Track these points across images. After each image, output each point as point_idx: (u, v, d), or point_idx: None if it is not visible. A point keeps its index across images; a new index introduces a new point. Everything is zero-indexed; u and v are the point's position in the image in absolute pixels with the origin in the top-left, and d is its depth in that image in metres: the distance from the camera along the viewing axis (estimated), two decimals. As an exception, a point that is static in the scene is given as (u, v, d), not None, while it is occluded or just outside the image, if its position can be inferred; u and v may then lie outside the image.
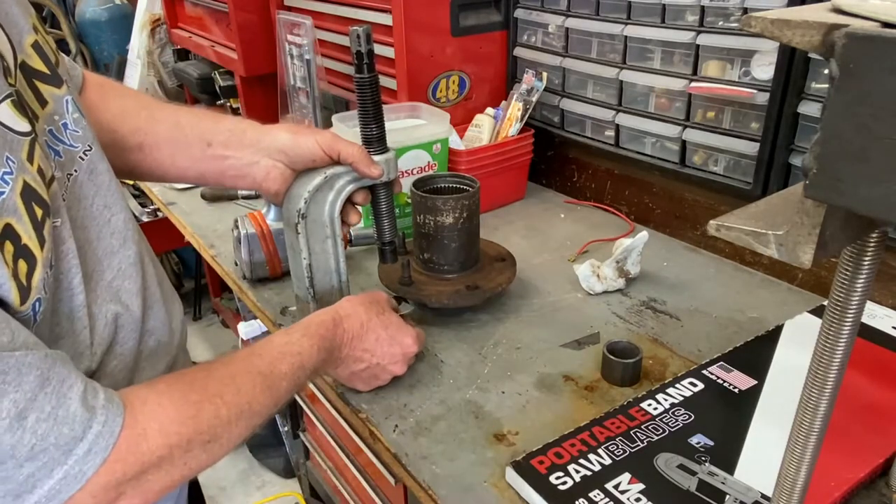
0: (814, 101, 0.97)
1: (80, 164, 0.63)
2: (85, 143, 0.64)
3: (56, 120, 0.61)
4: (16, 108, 0.53)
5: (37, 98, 0.59)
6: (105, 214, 0.64)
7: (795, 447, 0.42)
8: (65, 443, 0.49)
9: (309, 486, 1.78)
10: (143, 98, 0.87)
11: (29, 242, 0.51)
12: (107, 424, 0.51)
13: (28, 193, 0.52)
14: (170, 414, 0.56)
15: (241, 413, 0.62)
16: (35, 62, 0.60)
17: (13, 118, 0.52)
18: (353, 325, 0.81)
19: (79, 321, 0.59)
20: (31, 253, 0.51)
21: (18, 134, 0.52)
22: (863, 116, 0.28)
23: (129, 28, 2.47)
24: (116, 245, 0.65)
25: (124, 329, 0.65)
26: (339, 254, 0.90)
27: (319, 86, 1.51)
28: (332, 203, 0.86)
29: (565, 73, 1.36)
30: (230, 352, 0.69)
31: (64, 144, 0.62)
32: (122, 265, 0.65)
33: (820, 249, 0.32)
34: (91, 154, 0.64)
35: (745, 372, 0.83)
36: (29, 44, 0.60)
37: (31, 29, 0.61)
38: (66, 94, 0.63)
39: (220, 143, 0.82)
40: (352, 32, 0.81)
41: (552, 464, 0.71)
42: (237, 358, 0.67)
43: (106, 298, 0.63)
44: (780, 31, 0.31)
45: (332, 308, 0.82)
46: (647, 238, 1.07)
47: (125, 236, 0.66)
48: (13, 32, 0.57)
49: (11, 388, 0.46)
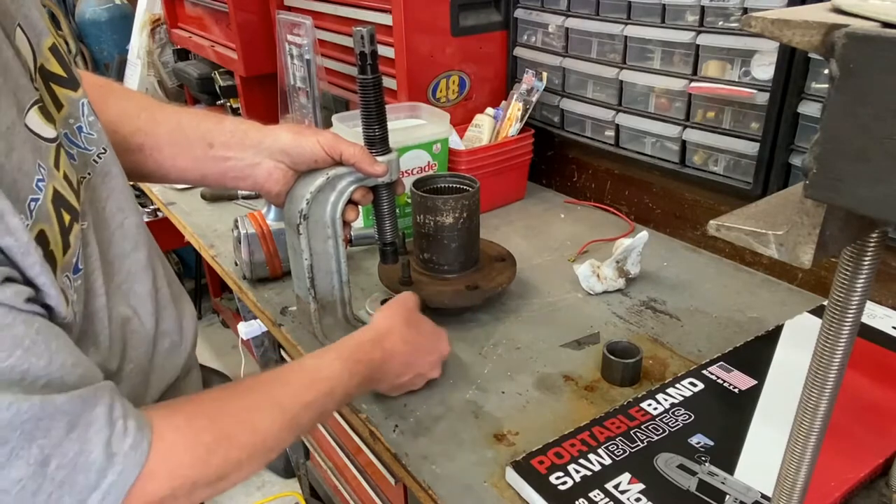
0: (814, 101, 0.97)
1: (93, 167, 0.63)
2: (99, 146, 0.64)
3: (71, 123, 0.61)
4: (42, 114, 0.53)
5: (53, 102, 0.59)
6: (118, 217, 0.64)
7: (795, 447, 0.42)
8: (79, 491, 0.49)
9: (309, 486, 1.78)
10: (144, 99, 0.87)
11: (55, 249, 0.51)
12: (123, 474, 0.50)
13: (58, 200, 0.52)
14: (181, 458, 0.55)
15: (255, 453, 0.60)
16: (53, 65, 0.59)
17: (40, 124, 0.52)
18: (395, 343, 0.79)
19: (100, 322, 0.59)
20: (53, 258, 0.51)
21: (46, 140, 0.53)
22: (863, 116, 0.28)
23: (129, 28, 2.47)
24: (129, 248, 0.65)
25: (136, 334, 0.64)
26: (340, 254, 0.90)
27: (319, 86, 1.51)
28: (333, 204, 0.86)
29: (565, 73, 1.36)
30: (254, 375, 0.67)
31: (78, 148, 0.61)
32: (132, 268, 0.65)
33: (820, 249, 0.32)
34: (105, 157, 0.64)
35: (745, 372, 0.83)
36: (47, 46, 0.59)
37: (48, 31, 0.60)
38: (83, 97, 0.63)
39: (221, 144, 0.82)
40: (355, 33, 0.81)
41: (552, 464, 0.71)
42: (260, 383, 0.65)
43: (117, 302, 0.62)
44: (780, 31, 0.31)
45: (371, 327, 0.81)
46: (647, 238, 1.07)
47: (137, 240, 0.66)
48: (32, 35, 0.57)
49: (41, 433, 0.46)
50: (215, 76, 1.98)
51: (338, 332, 0.94)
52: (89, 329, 0.58)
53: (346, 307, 0.94)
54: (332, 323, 0.94)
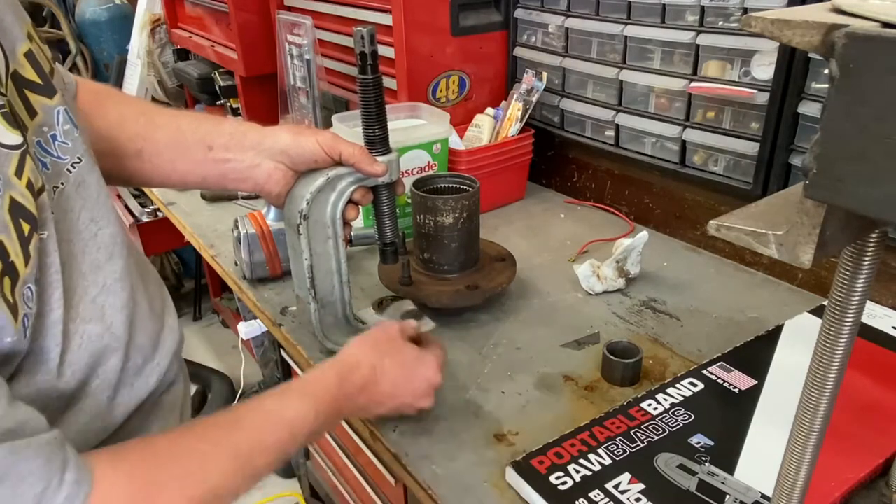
0: (814, 101, 0.97)
1: (66, 176, 0.61)
2: (74, 155, 0.62)
3: (45, 131, 0.60)
4: (6, 120, 0.52)
5: (27, 109, 0.57)
6: (91, 228, 0.62)
7: (795, 447, 0.42)
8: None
9: (309, 486, 1.78)
10: (141, 104, 0.86)
11: (15, 259, 0.50)
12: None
13: (16, 209, 0.51)
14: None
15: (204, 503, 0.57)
16: (27, 72, 0.58)
17: (3, 131, 0.51)
18: (363, 374, 0.75)
19: (51, 338, 0.56)
20: (15, 269, 0.50)
21: (7, 148, 0.51)
22: (863, 116, 0.28)
23: (129, 28, 2.47)
24: (103, 260, 0.63)
25: (107, 348, 0.62)
26: (340, 255, 0.90)
27: (319, 86, 1.51)
28: (333, 204, 0.86)
29: (565, 73, 1.36)
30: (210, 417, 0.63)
31: (52, 156, 0.60)
32: (107, 280, 0.63)
33: (820, 249, 0.32)
34: (80, 166, 0.63)
35: (745, 372, 0.83)
36: (22, 53, 0.58)
37: (26, 37, 0.59)
38: (59, 105, 0.61)
39: (221, 146, 0.81)
40: (356, 33, 0.81)
41: (552, 464, 0.71)
42: (215, 427, 0.62)
43: (87, 317, 0.60)
44: (780, 31, 0.31)
45: (338, 360, 0.77)
46: (647, 238, 1.07)
47: (112, 251, 0.64)
48: (6, 41, 0.56)
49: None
50: (215, 76, 1.98)
51: (338, 332, 0.94)
52: (40, 345, 0.56)
53: (346, 307, 0.94)
54: (332, 323, 0.94)
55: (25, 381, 0.56)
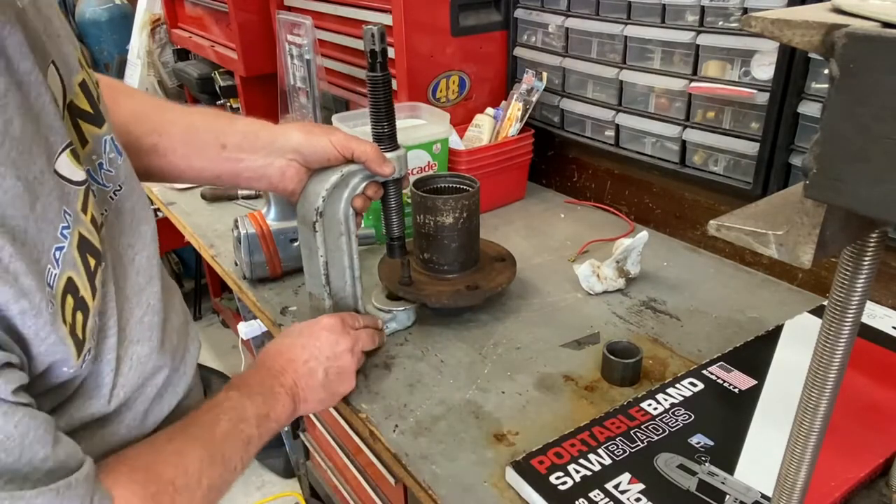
0: (814, 101, 0.97)
1: (110, 203, 0.62)
2: (116, 182, 0.64)
3: (94, 160, 0.60)
4: (73, 156, 0.53)
5: (79, 139, 0.58)
6: (129, 254, 0.64)
7: (795, 447, 0.42)
8: None
9: (309, 486, 1.78)
10: (153, 99, 0.87)
11: (85, 294, 0.51)
12: None
13: (83, 245, 0.52)
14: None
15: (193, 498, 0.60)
16: (81, 101, 0.59)
17: (71, 168, 0.52)
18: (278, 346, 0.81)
19: (106, 364, 0.58)
20: (86, 304, 0.51)
21: (74, 184, 0.52)
22: (863, 116, 0.28)
23: (129, 28, 2.47)
24: (143, 282, 0.65)
25: (154, 367, 0.65)
26: (352, 251, 0.90)
27: (319, 86, 1.51)
28: (346, 201, 0.86)
29: (565, 73, 1.36)
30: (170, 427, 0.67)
31: (98, 184, 0.61)
32: (150, 301, 0.65)
33: (820, 249, 0.32)
34: (120, 194, 0.64)
35: (745, 372, 0.83)
36: (77, 82, 0.59)
37: (79, 66, 0.60)
38: (106, 134, 0.62)
39: (234, 145, 0.82)
40: (366, 31, 0.81)
41: (552, 464, 0.71)
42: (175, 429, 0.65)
43: (135, 339, 0.62)
44: (780, 31, 0.31)
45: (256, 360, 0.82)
46: (647, 238, 1.07)
47: (150, 273, 0.66)
48: (65, 72, 0.56)
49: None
50: (215, 76, 1.98)
51: None
52: (95, 370, 0.58)
53: (357, 302, 0.95)
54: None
55: (79, 405, 0.58)
